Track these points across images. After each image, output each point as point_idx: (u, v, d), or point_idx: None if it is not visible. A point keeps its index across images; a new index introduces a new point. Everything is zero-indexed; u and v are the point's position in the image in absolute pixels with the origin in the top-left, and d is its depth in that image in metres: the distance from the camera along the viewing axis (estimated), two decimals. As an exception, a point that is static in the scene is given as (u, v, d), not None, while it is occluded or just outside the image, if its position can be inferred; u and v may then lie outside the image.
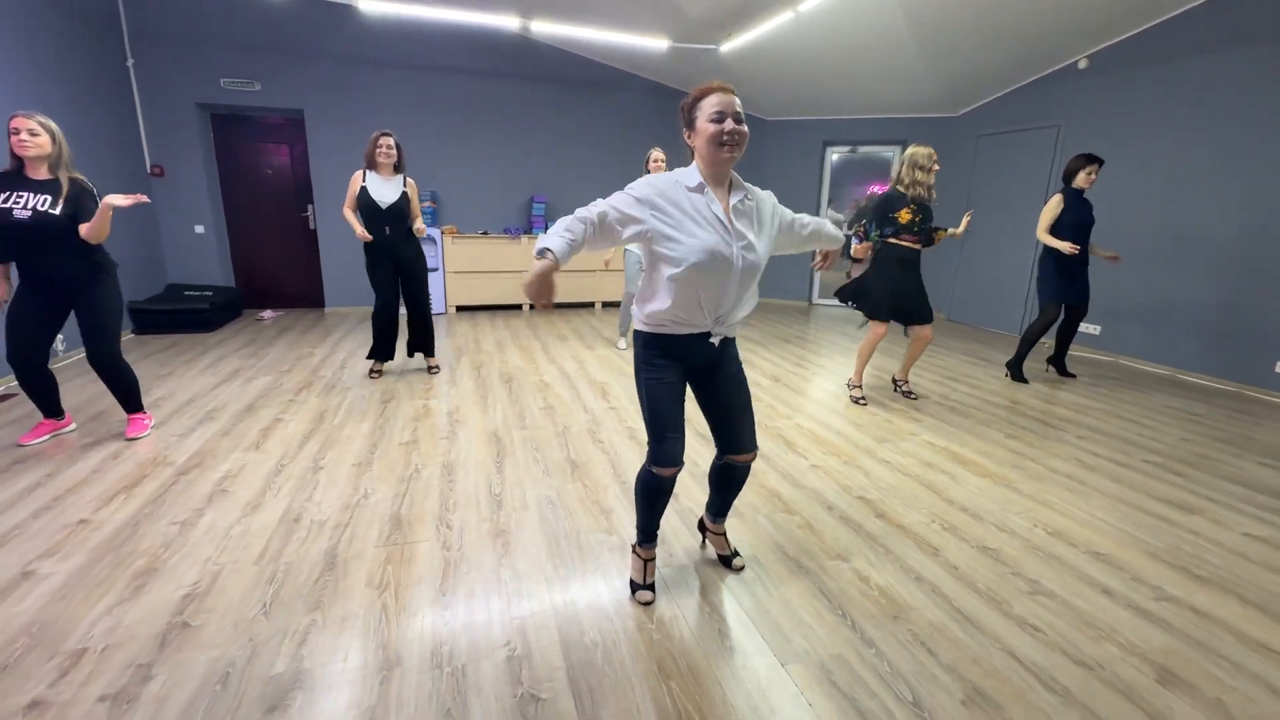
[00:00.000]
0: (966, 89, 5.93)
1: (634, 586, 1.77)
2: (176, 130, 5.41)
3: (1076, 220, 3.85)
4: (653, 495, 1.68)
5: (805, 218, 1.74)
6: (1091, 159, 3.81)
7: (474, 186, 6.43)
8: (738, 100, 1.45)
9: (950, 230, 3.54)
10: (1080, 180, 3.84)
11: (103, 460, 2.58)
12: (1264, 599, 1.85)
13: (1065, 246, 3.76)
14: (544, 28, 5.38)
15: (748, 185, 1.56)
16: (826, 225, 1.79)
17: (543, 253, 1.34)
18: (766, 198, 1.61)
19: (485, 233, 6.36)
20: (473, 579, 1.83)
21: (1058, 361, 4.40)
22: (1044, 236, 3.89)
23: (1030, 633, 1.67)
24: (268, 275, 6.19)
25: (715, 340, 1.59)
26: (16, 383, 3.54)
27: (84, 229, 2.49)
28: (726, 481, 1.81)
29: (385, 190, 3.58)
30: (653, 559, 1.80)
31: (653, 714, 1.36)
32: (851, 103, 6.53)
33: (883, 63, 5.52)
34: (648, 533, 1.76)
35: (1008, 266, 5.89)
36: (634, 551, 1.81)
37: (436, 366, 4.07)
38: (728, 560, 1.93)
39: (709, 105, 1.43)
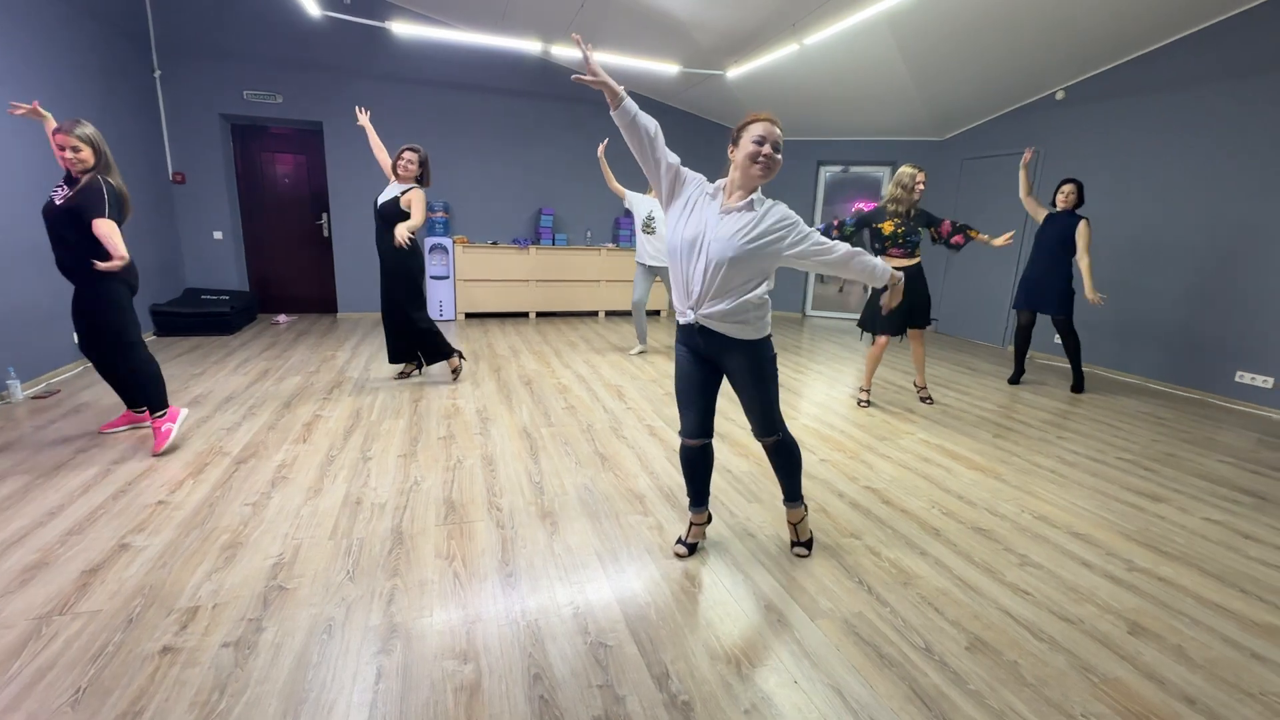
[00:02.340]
0: (953, 115, 6.32)
1: (678, 540, 2.10)
2: (199, 139, 5.58)
3: (1052, 234, 4.26)
4: (684, 464, 2.00)
5: (832, 245, 1.74)
6: (1063, 182, 4.24)
7: (485, 198, 6.68)
8: (780, 132, 1.71)
9: (987, 237, 3.69)
10: (1058, 201, 4.24)
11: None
12: (1220, 570, 2.13)
13: (1089, 292, 4.08)
14: (563, 51, 5.67)
15: (768, 200, 1.74)
16: (864, 257, 1.78)
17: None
18: (776, 211, 1.72)
19: (495, 243, 6.58)
20: (530, 551, 2.04)
21: (1074, 379, 4.52)
22: (1083, 264, 4.16)
23: (1021, 596, 1.92)
24: (282, 281, 6.35)
25: (683, 320, 1.82)
26: (59, 379, 3.71)
27: (98, 227, 2.47)
28: (772, 461, 2.03)
29: (386, 192, 3.66)
30: (700, 524, 2.08)
31: (705, 656, 1.58)
32: (845, 125, 6.90)
33: (876, 90, 5.89)
34: (692, 496, 2.06)
35: (991, 282, 6.25)
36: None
37: (408, 373, 4.09)
38: (794, 544, 2.11)
39: (755, 130, 1.70)
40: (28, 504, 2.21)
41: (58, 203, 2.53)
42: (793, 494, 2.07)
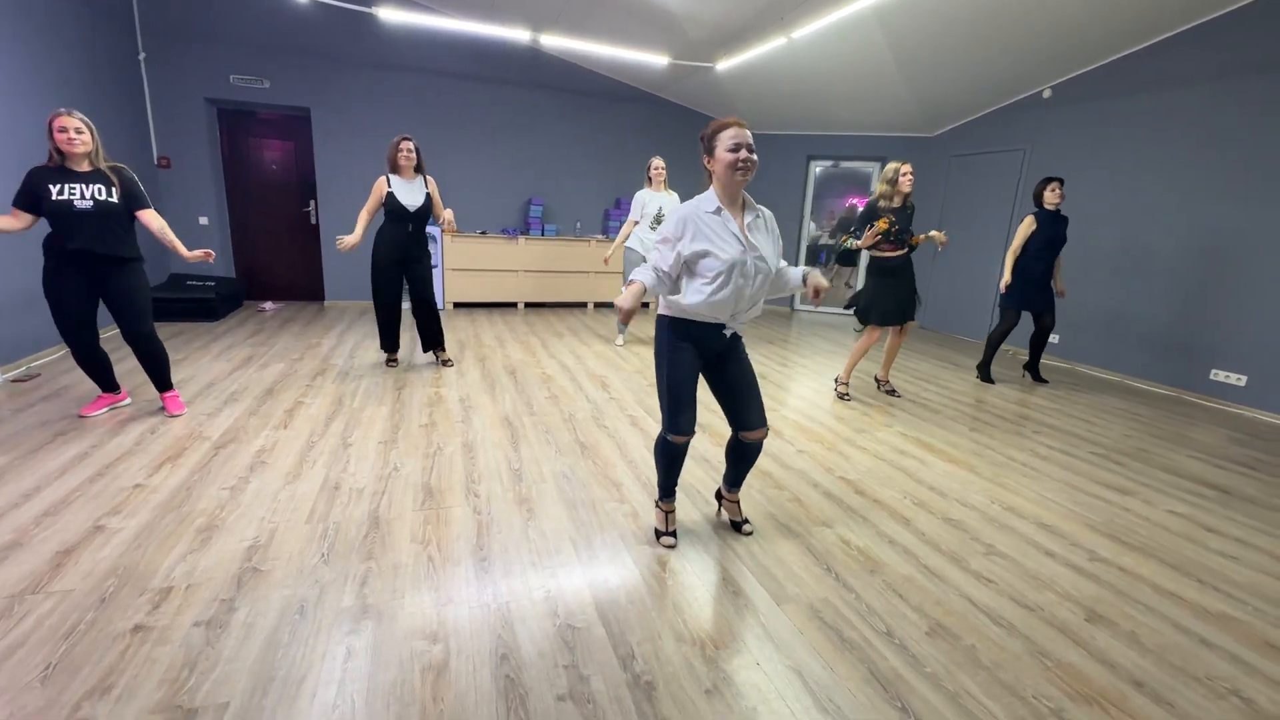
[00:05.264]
0: (941, 112, 6.34)
1: (658, 534, 2.10)
2: (184, 123, 5.53)
3: (1048, 238, 4.22)
4: (670, 459, 2.00)
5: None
6: (1052, 179, 4.21)
7: (474, 187, 6.65)
8: (750, 134, 1.73)
9: (927, 235, 3.89)
10: (1048, 199, 4.22)
11: (141, 434, 2.75)
12: (1179, 561, 2.19)
13: (1005, 280, 4.31)
14: (553, 41, 5.64)
15: (758, 206, 1.88)
16: (789, 270, 2.05)
17: (631, 282, 1.73)
18: (771, 215, 1.93)
19: (484, 232, 6.57)
20: (505, 537, 2.07)
21: (1031, 368, 4.73)
22: (1009, 257, 4.29)
23: (984, 584, 1.97)
24: (268, 268, 6.31)
25: (727, 332, 1.87)
26: (39, 363, 3.70)
27: (149, 218, 2.81)
28: (738, 456, 2.08)
29: (410, 193, 3.78)
30: (673, 511, 2.12)
31: (672, 638, 1.62)
32: (835, 120, 6.92)
33: (865, 85, 5.91)
34: (667, 489, 2.08)
35: (975, 277, 6.31)
36: (657, 505, 2.13)
37: (450, 360, 4.22)
38: (738, 525, 2.20)
39: (727, 137, 1.72)
40: (4, 485, 2.21)
41: (113, 199, 2.69)
42: (741, 480, 2.18)
